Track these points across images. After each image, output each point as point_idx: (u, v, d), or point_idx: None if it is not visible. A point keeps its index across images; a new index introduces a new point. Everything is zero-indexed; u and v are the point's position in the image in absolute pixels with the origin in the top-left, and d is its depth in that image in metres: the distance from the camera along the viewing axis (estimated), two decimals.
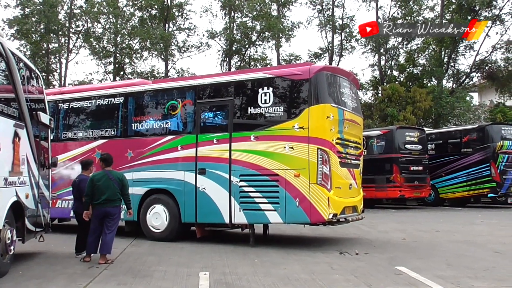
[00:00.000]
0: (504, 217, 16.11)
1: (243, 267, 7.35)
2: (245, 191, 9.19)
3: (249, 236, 9.59)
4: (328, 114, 8.89)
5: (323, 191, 8.66)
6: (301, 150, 8.74)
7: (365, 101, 32.50)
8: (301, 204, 8.69)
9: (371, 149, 20.52)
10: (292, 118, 8.99)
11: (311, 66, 9.44)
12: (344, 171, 9.39)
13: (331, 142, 8.92)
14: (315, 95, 8.91)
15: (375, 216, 17.12)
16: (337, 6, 32.80)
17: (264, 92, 9.30)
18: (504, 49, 30.88)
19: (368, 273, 6.90)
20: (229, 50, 30.72)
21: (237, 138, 9.40)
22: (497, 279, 6.48)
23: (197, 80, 10.73)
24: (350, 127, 9.68)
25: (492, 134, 19.84)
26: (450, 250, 9.07)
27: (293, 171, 8.79)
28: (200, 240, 10.16)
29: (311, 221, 8.85)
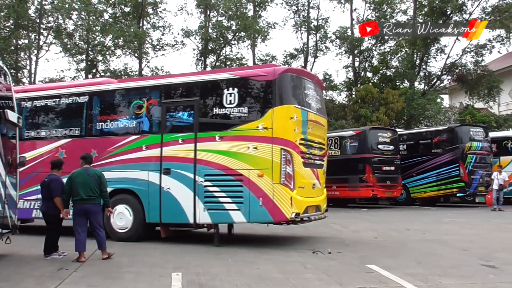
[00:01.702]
0: (472, 216, 16.49)
1: (216, 267, 7.32)
2: (210, 191, 9.24)
3: (224, 237, 9.56)
4: (291, 115, 9.00)
5: (286, 191, 8.77)
6: (265, 151, 8.84)
7: (339, 102, 32.89)
8: (264, 203, 8.79)
9: (344, 149, 20.77)
10: (257, 118, 9.06)
11: (276, 67, 9.57)
12: (307, 171, 9.53)
13: (295, 143, 9.03)
14: (279, 96, 9.01)
15: (348, 215, 17.32)
16: (312, 7, 33.08)
17: (229, 92, 9.36)
18: (474, 53, 31.58)
19: (340, 271, 6.97)
20: (205, 49, 30.59)
21: (202, 138, 9.43)
22: (464, 276, 6.63)
23: (162, 80, 10.78)
24: (314, 128, 9.82)
25: (461, 135, 20.32)
26: (420, 248, 9.23)
27: (257, 171, 8.87)
28: (174, 241, 10.08)
29: (274, 220, 8.98)
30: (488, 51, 31.48)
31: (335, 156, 20.93)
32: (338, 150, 20.96)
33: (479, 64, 31.69)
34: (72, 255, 7.99)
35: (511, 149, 21.67)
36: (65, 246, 8.38)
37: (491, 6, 30.29)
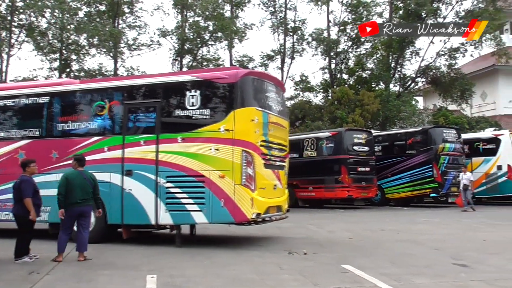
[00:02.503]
0: (445, 216, 16.78)
1: (191, 269, 7.29)
2: (172, 192, 9.30)
3: (200, 238, 9.53)
4: (252, 117, 9.14)
5: (247, 191, 8.90)
6: (226, 152, 8.96)
7: (315, 103, 33.01)
8: (225, 204, 8.90)
9: (320, 150, 20.91)
10: (218, 120, 9.18)
11: (238, 70, 9.78)
12: (268, 173, 9.67)
13: (256, 145, 9.17)
14: (241, 99, 9.16)
15: (323, 216, 17.44)
16: (290, 8, 33.10)
17: (192, 94, 9.44)
18: (448, 56, 32.14)
19: (315, 272, 7.01)
20: (181, 49, 30.37)
21: (164, 139, 9.47)
22: (436, 275, 6.74)
23: (125, 81, 10.84)
24: (275, 130, 9.96)
25: (435, 136, 20.67)
26: (394, 248, 9.36)
27: (218, 172, 8.97)
28: (148, 243, 10.02)
29: (235, 220, 9.11)
30: (461, 55, 32.08)
31: (311, 157, 21.10)
32: (315, 151, 21.08)
33: (452, 67, 32.26)
34: (44, 258, 7.87)
35: (482, 151, 22.16)
36: (37, 249, 8.25)
37: (464, 11, 30.88)
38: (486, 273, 6.89)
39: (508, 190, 21.29)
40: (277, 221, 10.76)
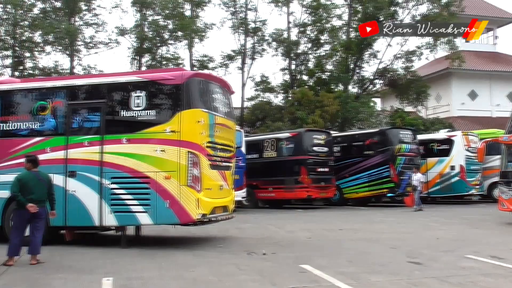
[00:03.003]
0: (401, 215, 17.18)
1: (149, 271, 7.17)
2: (116, 193, 9.23)
3: (159, 240, 9.41)
4: (198, 118, 9.18)
5: (193, 192, 8.94)
6: (172, 153, 8.97)
7: (276, 104, 33.17)
8: (171, 205, 8.92)
9: (280, 151, 21.03)
10: (164, 122, 9.17)
11: (184, 71, 9.85)
12: (214, 173, 9.73)
13: (202, 146, 9.22)
14: (187, 100, 9.17)
15: (283, 216, 17.55)
16: (250, 9, 33.16)
17: (137, 95, 9.40)
18: (404, 59, 32.97)
19: (274, 272, 7.03)
20: (140, 48, 29.92)
21: (109, 140, 9.38)
22: (392, 273, 6.89)
23: (68, 81, 10.67)
24: (222, 131, 10.03)
25: (392, 137, 21.14)
26: (351, 247, 9.50)
27: (164, 173, 8.98)
28: (105, 245, 9.82)
29: (181, 221, 9.16)
30: (417, 58, 32.99)
31: (271, 158, 21.21)
32: (275, 152, 21.20)
33: (409, 69, 33.15)
34: None
35: (437, 151, 22.83)
36: None
37: (420, 15, 31.78)
38: (439, 270, 7.09)
39: (461, 190, 22.03)
40: (229, 221, 10.79)
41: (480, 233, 11.79)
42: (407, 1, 31.87)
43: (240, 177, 19.28)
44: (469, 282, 6.21)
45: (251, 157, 20.95)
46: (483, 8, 38.81)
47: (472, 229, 12.50)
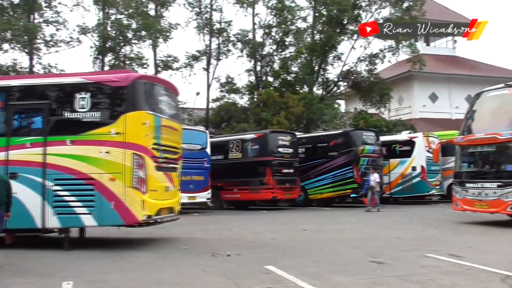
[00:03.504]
0: (363, 216, 17.46)
1: (112, 274, 7.05)
2: (59, 195, 9.15)
3: (122, 242, 9.27)
4: (144, 120, 9.22)
5: (138, 194, 8.99)
6: (117, 155, 8.99)
7: (241, 105, 33.18)
8: (116, 206, 8.93)
9: (245, 152, 21.04)
10: (109, 123, 9.18)
11: (129, 74, 9.92)
12: (160, 175, 9.79)
13: (147, 148, 9.25)
14: (132, 102, 9.23)
15: (248, 217, 17.56)
16: (215, 10, 33.07)
17: (82, 97, 9.35)
18: (368, 61, 33.57)
19: (238, 273, 7.02)
20: (103, 47, 29.38)
21: (53, 142, 9.28)
22: (355, 273, 6.99)
23: (9, 81, 10.47)
24: (168, 133, 10.07)
25: (355, 139, 21.47)
26: (315, 248, 9.59)
27: (109, 175, 8.97)
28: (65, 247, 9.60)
29: (126, 222, 9.18)
30: (380, 61, 33.66)
31: (236, 159, 21.20)
32: (240, 153, 21.20)
33: (372, 72, 33.77)
34: None
35: (399, 152, 23.31)
36: None
37: (383, 18, 32.41)
38: (400, 269, 7.23)
39: (422, 190, 22.56)
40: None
41: (439, 232, 12.10)
42: (370, 5, 32.48)
43: (205, 179, 19.24)
44: (429, 280, 6.36)
45: (216, 158, 20.89)
46: (444, 14, 39.95)
47: (432, 229, 12.81)
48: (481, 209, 13.07)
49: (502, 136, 12.41)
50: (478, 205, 13.04)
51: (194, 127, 22.52)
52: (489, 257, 8.10)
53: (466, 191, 13.40)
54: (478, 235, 11.59)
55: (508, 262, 7.61)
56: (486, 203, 12.76)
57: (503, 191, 12.32)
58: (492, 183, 12.73)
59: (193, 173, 18.74)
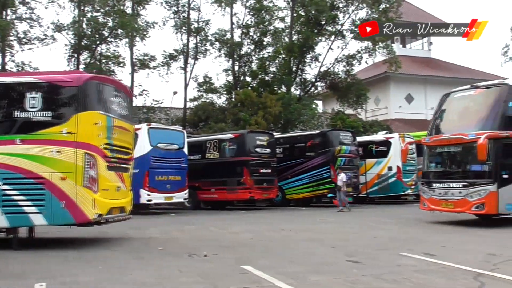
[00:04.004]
0: (340, 215, 17.58)
1: (85, 275, 6.92)
2: (8, 194, 9.06)
3: (96, 241, 9.13)
4: (96, 120, 9.31)
5: (89, 193, 9.08)
6: (69, 154, 9.04)
7: (219, 105, 33.09)
8: (66, 205, 8.97)
9: (223, 152, 20.96)
10: (61, 123, 9.22)
11: (81, 74, 10.02)
12: (112, 175, 9.87)
13: (99, 147, 9.35)
14: (84, 102, 9.32)
15: (226, 217, 17.50)
16: (193, 9, 32.89)
17: (32, 96, 9.31)
18: (345, 62, 33.83)
19: (215, 274, 6.98)
20: (78, 45, 28.91)
21: (1, 141, 9.21)
22: (331, 272, 7.02)
23: None
24: (120, 133, 10.15)
25: (332, 139, 21.60)
26: (293, 247, 9.60)
27: (60, 174, 9.00)
28: (39, 247, 9.45)
29: (77, 221, 9.26)
30: (357, 62, 33.94)
31: (214, 159, 21.11)
32: (217, 153, 21.11)
33: (349, 73, 34.04)
34: None
35: (375, 153, 23.54)
36: None
37: (359, 19, 32.71)
38: (376, 268, 7.29)
39: (398, 190, 22.84)
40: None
41: (414, 231, 12.26)
42: (347, 6, 32.73)
43: (182, 178, 19.10)
44: (404, 279, 6.42)
45: (193, 158, 20.77)
46: (420, 15, 40.56)
47: (407, 228, 12.98)
48: (447, 208, 13.25)
49: (468, 137, 12.55)
50: (444, 205, 13.19)
51: (171, 127, 22.35)
52: (462, 256, 8.24)
53: (433, 191, 13.54)
54: (452, 234, 11.78)
55: (480, 260, 7.74)
56: (452, 203, 12.91)
57: (468, 190, 12.49)
58: (457, 183, 12.89)
59: (170, 173, 18.64)
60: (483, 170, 12.52)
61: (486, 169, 12.44)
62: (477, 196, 12.33)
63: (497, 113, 12.72)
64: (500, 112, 12.69)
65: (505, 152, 12.49)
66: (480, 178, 12.54)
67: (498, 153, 12.38)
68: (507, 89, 12.92)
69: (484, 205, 12.26)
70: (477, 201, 12.32)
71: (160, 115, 32.44)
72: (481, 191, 12.32)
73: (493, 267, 7.16)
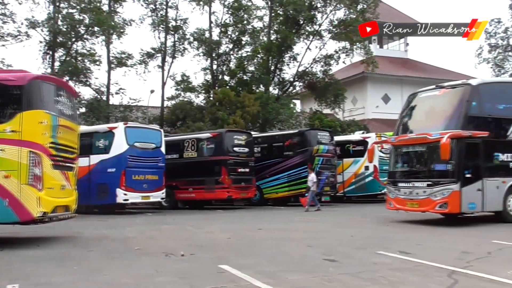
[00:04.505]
0: (318, 214, 17.65)
1: (60, 276, 6.79)
2: None
3: (71, 241, 9.01)
4: (41, 119, 9.40)
5: (34, 191, 9.13)
6: (13, 153, 9.06)
7: (197, 104, 32.95)
8: (10, 204, 9.01)
9: (201, 151, 20.89)
10: (4, 122, 9.24)
11: (26, 73, 10.00)
12: (57, 173, 9.95)
13: (44, 146, 9.42)
14: (28, 101, 9.36)
15: (203, 217, 17.44)
16: (171, 7, 32.72)
17: None
18: (323, 62, 34.01)
19: (192, 273, 6.93)
20: (53, 42, 28.42)
21: None
22: (308, 271, 7.03)
23: None
24: (65, 133, 10.27)
25: (310, 138, 21.71)
26: (270, 247, 9.60)
27: (3, 172, 9.00)
28: (13, 247, 9.29)
29: (21, 219, 9.22)
30: (335, 62, 34.16)
31: (191, 158, 21.02)
32: (195, 152, 21.03)
33: (327, 73, 34.24)
34: None
35: (352, 152, 23.73)
36: None
37: (337, 20, 32.94)
38: (352, 266, 7.34)
39: (374, 189, 23.05)
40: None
41: (390, 230, 12.40)
42: (325, 6, 32.91)
43: (160, 178, 18.97)
44: (380, 277, 6.47)
45: (171, 157, 20.64)
46: (397, 16, 41.05)
47: (384, 227, 13.11)
48: (412, 208, 13.32)
49: (432, 136, 12.59)
50: (410, 204, 13.26)
51: (149, 126, 22.18)
52: (437, 254, 8.36)
53: (399, 191, 13.62)
54: (427, 232, 11.95)
55: (454, 258, 7.86)
56: (417, 202, 12.99)
57: (432, 190, 12.58)
58: (422, 182, 12.95)
59: (147, 172, 18.50)
60: (446, 170, 12.60)
61: (450, 169, 12.53)
62: (441, 196, 12.42)
63: (460, 113, 12.83)
64: (464, 111, 12.80)
65: (468, 151, 12.60)
66: (443, 178, 12.61)
67: (461, 152, 12.48)
68: (470, 89, 13.09)
69: (447, 204, 12.35)
70: (440, 200, 12.42)
71: (137, 113, 32.15)
72: (444, 191, 12.41)
73: (466, 264, 7.27)
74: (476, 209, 12.85)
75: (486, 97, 13.43)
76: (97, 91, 30.67)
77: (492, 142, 13.02)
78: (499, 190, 12.96)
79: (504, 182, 13.06)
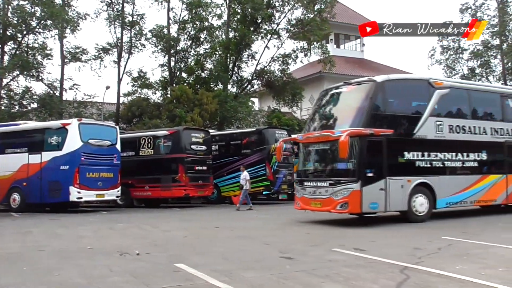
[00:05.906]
0: (275, 212, 17.82)
1: (9, 277, 6.56)
2: None
3: (24, 240, 8.66)
4: None
5: None
6: None
7: (154, 101, 32.49)
8: None
9: (158, 149, 20.66)
10: None
11: None
12: None
13: None
14: None
15: (160, 215, 17.25)
16: (128, 1, 32.07)
17: None
18: (281, 61, 34.20)
19: (148, 272, 6.84)
20: (3, 35, 27.32)
21: None
22: (265, 268, 7.06)
23: None
24: None
25: (268, 137, 21.81)
26: (227, 245, 9.60)
27: None
28: None
29: None
30: (292, 61, 34.39)
31: (148, 156, 20.76)
32: (151, 149, 20.78)
33: (285, 72, 34.45)
34: None
35: None
36: None
37: (295, 19, 33.20)
38: (308, 263, 7.42)
39: None
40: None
41: (346, 227, 12.59)
42: (283, 5, 33.09)
43: (115, 176, 18.65)
44: (334, 274, 6.57)
45: (126, 154, 20.33)
46: (353, 17, 41.78)
47: (340, 224, 13.30)
48: (316, 207, 12.90)
49: (334, 134, 12.17)
50: (313, 204, 12.85)
51: (104, 122, 21.70)
52: (389, 250, 8.57)
53: (304, 190, 13.20)
54: (381, 230, 12.20)
55: (406, 254, 8.08)
56: (320, 202, 12.59)
57: (334, 189, 12.18)
58: (324, 181, 12.54)
59: (101, 169, 18.18)
60: (347, 169, 12.15)
61: (350, 168, 12.08)
62: (341, 195, 12.02)
63: (364, 110, 12.42)
64: (367, 109, 12.41)
65: (370, 150, 12.19)
66: (344, 177, 12.17)
67: (362, 151, 12.04)
68: (375, 85, 12.69)
69: (348, 204, 11.95)
70: (341, 200, 12.02)
71: (92, 110, 31.40)
72: (344, 190, 11.99)
73: (418, 260, 7.49)
74: (379, 209, 12.43)
75: (392, 94, 13.14)
76: (50, 86, 29.73)
77: (397, 141, 12.59)
78: (403, 190, 12.59)
79: (409, 181, 12.70)
